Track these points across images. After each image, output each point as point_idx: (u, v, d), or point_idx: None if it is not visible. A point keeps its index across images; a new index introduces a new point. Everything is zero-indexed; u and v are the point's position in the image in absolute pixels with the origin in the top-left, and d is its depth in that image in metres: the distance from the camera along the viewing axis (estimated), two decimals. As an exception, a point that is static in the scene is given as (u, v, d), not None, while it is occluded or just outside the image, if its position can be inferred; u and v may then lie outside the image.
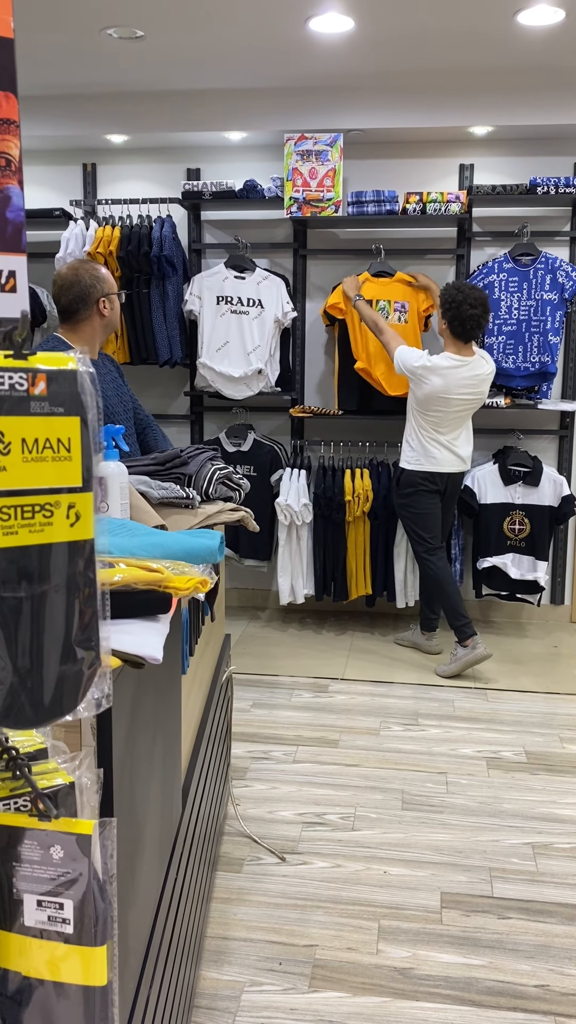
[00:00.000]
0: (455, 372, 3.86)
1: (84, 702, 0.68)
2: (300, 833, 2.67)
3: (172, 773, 1.54)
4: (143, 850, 1.25)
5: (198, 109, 4.37)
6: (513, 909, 2.31)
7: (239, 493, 2.08)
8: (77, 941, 0.68)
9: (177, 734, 1.60)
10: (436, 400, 3.90)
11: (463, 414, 3.99)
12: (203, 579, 1.13)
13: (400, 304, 4.38)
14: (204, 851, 2.11)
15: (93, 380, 0.66)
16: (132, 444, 2.89)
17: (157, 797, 1.37)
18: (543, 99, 4.17)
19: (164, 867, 1.51)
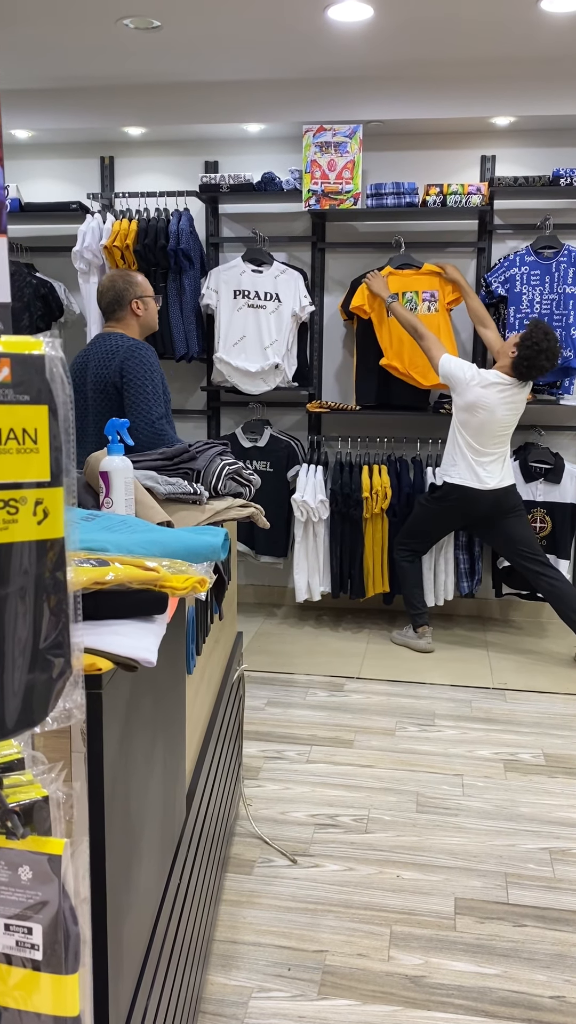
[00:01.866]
0: (499, 390, 3.88)
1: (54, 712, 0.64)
2: (312, 835, 2.63)
3: (175, 776, 1.50)
4: (140, 857, 1.21)
5: (215, 101, 4.33)
6: (529, 916, 2.25)
7: (249, 489, 2.03)
8: (47, 968, 0.64)
9: (181, 736, 1.56)
10: (480, 409, 3.87)
11: (504, 431, 3.94)
12: (201, 578, 1.08)
13: (429, 293, 4.32)
14: (212, 853, 2.08)
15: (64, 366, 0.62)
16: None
17: (157, 802, 1.33)
18: (566, 88, 4.08)
19: (166, 872, 1.47)
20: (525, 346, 3.81)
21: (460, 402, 3.91)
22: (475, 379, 3.87)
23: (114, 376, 2.99)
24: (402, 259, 4.36)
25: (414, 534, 4.19)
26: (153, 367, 3.00)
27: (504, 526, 4.03)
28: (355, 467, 4.43)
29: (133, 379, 2.96)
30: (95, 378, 3.05)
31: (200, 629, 1.80)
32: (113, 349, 3.01)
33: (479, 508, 3.99)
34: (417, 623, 4.24)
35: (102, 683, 0.93)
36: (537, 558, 4.03)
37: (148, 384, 2.96)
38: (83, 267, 4.45)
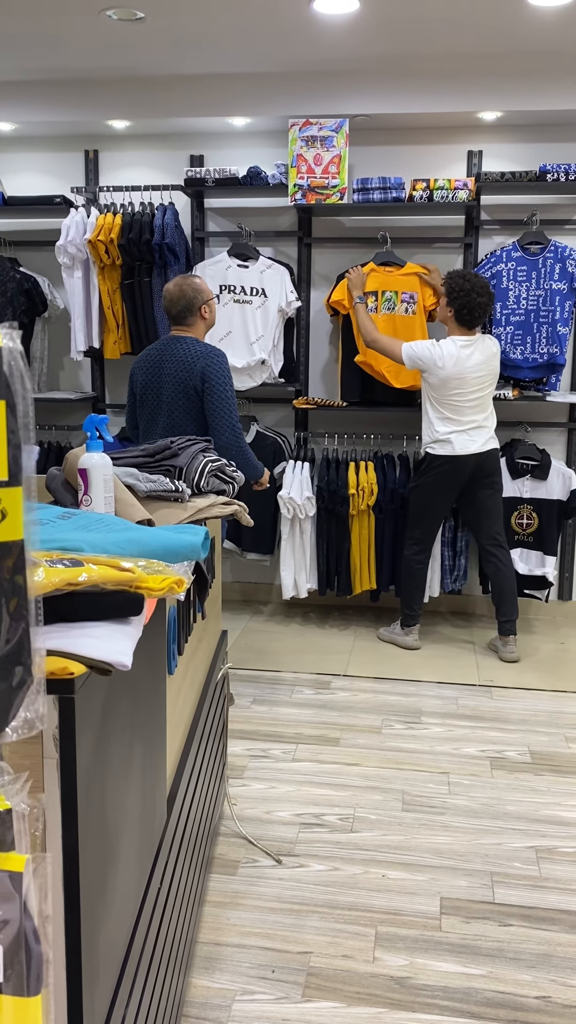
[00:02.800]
0: (465, 352, 3.89)
1: (15, 723, 0.62)
2: (297, 834, 2.61)
3: (154, 780, 1.48)
4: (117, 864, 1.18)
5: (201, 94, 4.29)
6: (515, 916, 2.24)
7: (232, 486, 2.01)
8: (8, 990, 0.61)
9: (161, 739, 1.54)
10: (452, 383, 3.88)
11: (483, 396, 3.96)
12: (178, 579, 1.06)
13: (408, 295, 4.30)
14: (195, 855, 2.05)
15: (23, 359, 0.59)
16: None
17: (136, 807, 1.31)
18: (554, 83, 4.07)
19: (145, 877, 1.45)
20: (454, 298, 3.85)
21: (433, 380, 3.91)
22: (441, 355, 3.87)
23: (196, 381, 3.29)
24: (385, 256, 4.34)
25: (416, 522, 4.15)
26: (229, 373, 3.34)
27: (478, 496, 4.05)
28: (342, 463, 4.41)
29: (215, 385, 3.28)
30: (175, 380, 3.34)
31: (182, 628, 1.77)
32: (194, 355, 3.32)
33: (462, 473, 3.98)
34: (408, 623, 4.23)
35: (75, 687, 0.90)
36: (496, 536, 4.10)
37: (228, 389, 3.31)
38: (67, 261, 4.40)
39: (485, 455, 3.99)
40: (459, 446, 3.94)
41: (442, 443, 3.96)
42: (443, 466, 3.98)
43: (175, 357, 3.34)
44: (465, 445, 3.94)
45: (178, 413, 3.36)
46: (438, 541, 4.42)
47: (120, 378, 4.87)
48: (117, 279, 4.40)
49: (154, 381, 3.40)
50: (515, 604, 4.10)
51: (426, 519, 4.14)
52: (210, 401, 3.30)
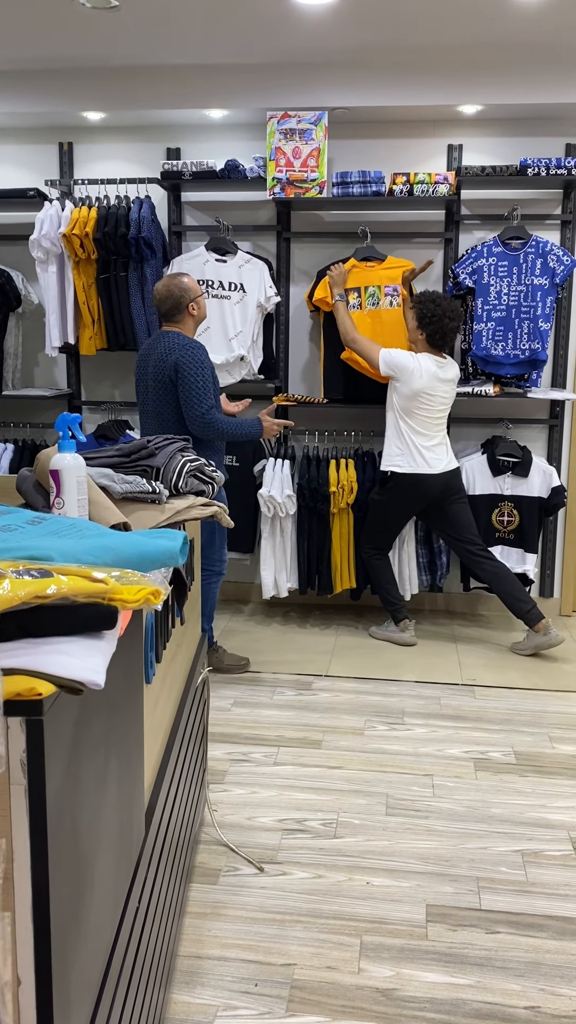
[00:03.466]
0: (439, 371, 3.96)
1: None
2: (280, 841, 2.56)
3: (131, 795, 1.42)
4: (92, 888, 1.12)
5: (177, 85, 4.21)
6: (502, 923, 2.20)
7: (212, 487, 1.94)
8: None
9: (138, 752, 1.47)
10: (423, 397, 3.93)
11: (444, 416, 4.03)
12: (155, 589, 1.00)
13: (392, 288, 4.25)
14: (175, 866, 1.99)
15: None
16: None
17: (112, 826, 1.25)
18: (534, 77, 4.03)
19: (123, 895, 1.39)
20: (427, 323, 3.91)
21: (406, 390, 3.92)
22: (418, 366, 3.90)
23: (170, 372, 3.40)
24: (366, 251, 4.29)
25: (375, 531, 4.18)
26: (203, 364, 3.40)
27: (450, 511, 4.08)
28: (322, 461, 4.35)
29: (185, 375, 3.37)
30: (155, 372, 3.46)
31: (160, 635, 1.71)
32: (171, 347, 3.42)
33: (430, 492, 4.01)
34: (397, 618, 4.22)
35: (43, 709, 0.84)
36: (477, 543, 4.11)
37: (199, 379, 3.37)
38: (41, 256, 4.31)
39: (451, 473, 4.05)
40: (424, 463, 3.97)
41: (409, 456, 3.97)
42: (410, 486, 4.00)
43: (157, 352, 3.47)
44: (432, 463, 3.97)
45: (161, 406, 3.48)
46: (411, 539, 4.41)
47: (95, 375, 4.79)
48: (92, 274, 4.31)
49: (143, 376, 3.55)
50: (525, 591, 4.09)
51: (386, 532, 4.18)
52: (180, 391, 3.41)
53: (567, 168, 4.12)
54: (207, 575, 3.74)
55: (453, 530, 4.10)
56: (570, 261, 4.16)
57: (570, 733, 3.29)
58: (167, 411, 3.49)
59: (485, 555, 4.10)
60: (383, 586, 4.21)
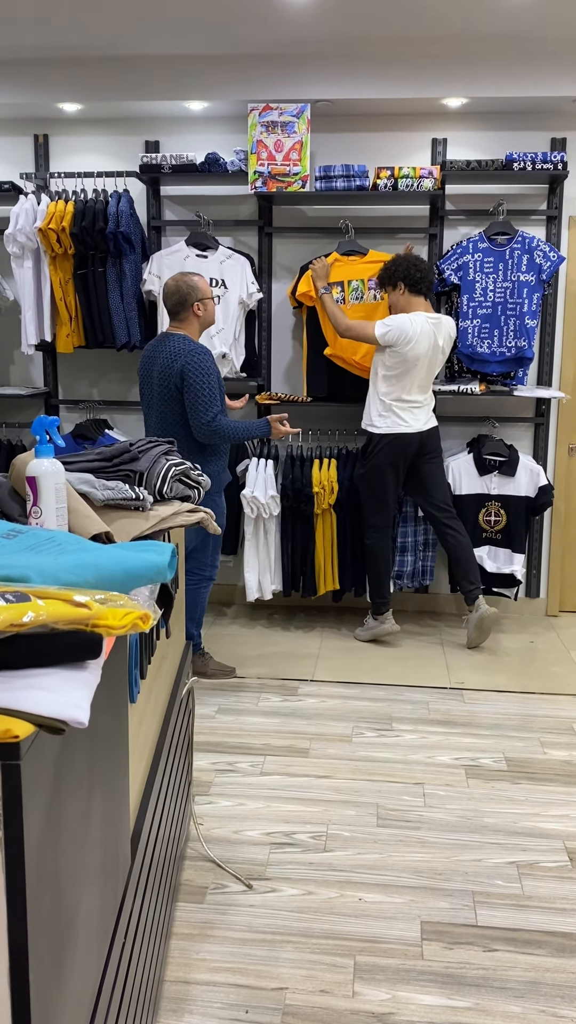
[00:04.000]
0: (436, 334, 3.89)
1: None
2: (268, 856, 2.48)
3: (117, 823, 1.33)
4: (75, 935, 1.03)
5: (156, 76, 4.10)
6: (499, 940, 2.13)
7: (198, 491, 1.86)
8: None
9: (124, 777, 1.39)
10: (424, 357, 3.86)
11: (435, 371, 4.00)
12: (143, 613, 0.91)
13: (375, 281, 4.17)
14: (162, 888, 1.91)
15: None
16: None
17: (97, 862, 1.16)
18: (519, 70, 3.97)
19: (110, 931, 1.30)
20: (398, 276, 3.88)
21: (406, 354, 3.84)
22: (416, 331, 3.83)
23: (176, 378, 3.36)
24: (349, 246, 4.21)
25: (371, 509, 4.09)
26: (210, 370, 3.37)
27: (422, 470, 4.04)
28: (306, 461, 4.27)
29: (191, 382, 3.33)
30: (160, 376, 3.42)
31: (145, 650, 1.62)
32: (176, 352, 3.38)
33: (408, 450, 3.97)
34: (379, 609, 4.16)
35: (20, 752, 0.75)
36: (447, 508, 4.09)
37: (205, 387, 3.34)
38: (16, 251, 4.19)
39: (428, 432, 4.01)
40: (403, 423, 3.93)
41: (387, 418, 3.94)
42: (389, 445, 3.95)
43: (162, 355, 3.43)
44: (410, 422, 3.94)
45: (166, 410, 3.44)
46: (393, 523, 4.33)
47: (73, 373, 4.67)
48: (70, 269, 4.20)
49: (147, 378, 3.51)
50: (477, 569, 4.09)
51: (380, 502, 4.08)
52: (186, 397, 3.36)
53: (553, 162, 4.06)
54: (197, 579, 3.65)
55: (425, 491, 4.07)
56: (557, 257, 4.10)
57: (561, 738, 3.23)
58: (171, 416, 3.44)
59: (451, 523, 4.07)
60: (379, 575, 4.14)
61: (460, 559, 4.07)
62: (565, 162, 4.06)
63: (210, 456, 3.49)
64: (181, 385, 3.37)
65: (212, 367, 3.40)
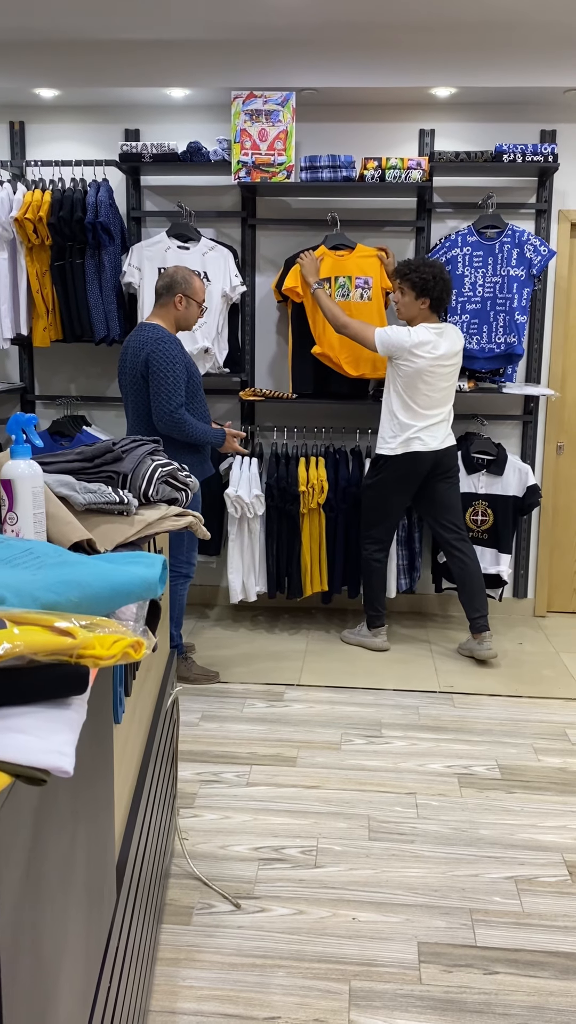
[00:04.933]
0: (437, 339, 3.70)
1: None
2: (256, 872, 2.37)
3: (102, 860, 1.22)
4: (58, 993, 0.92)
5: (137, 62, 3.97)
6: (500, 961, 2.04)
7: (186, 493, 1.75)
8: None
9: (108, 808, 1.27)
10: (426, 375, 3.68)
11: (449, 387, 3.79)
12: (135, 641, 0.80)
13: (363, 280, 4.07)
14: (148, 913, 1.80)
15: None
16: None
17: (81, 905, 1.05)
18: (509, 59, 3.88)
19: (95, 976, 1.19)
20: (430, 288, 3.65)
21: (408, 369, 3.67)
22: (417, 342, 3.65)
23: (142, 367, 3.30)
24: (337, 239, 4.10)
25: (372, 522, 3.95)
26: (174, 359, 3.27)
27: (436, 489, 3.87)
28: (292, 459, 4.16)
29: (155, 371, 3.26)
30: (130, 368, 3.36)
31: (130, 666, 1.51)
32: (144, 340, 3.31)
33: (420, 469, 3.79)
34: (374, 623, 4.03)
35: (-7, 810, 0.65)
36: (458, 530, 3.91)
37: (169, 375, 3.25)
38: (-9, 241, 4.05)
39: (444, 451, 3.81)
40: (417, 442, 3.74)
41: (398, 437, 3.75)
42: (401, 465, 3.78)
43: (133, 345, 3.37)
44: (426, 441, 3.75)
45: (138, 401, 3.38)
46: (393, 540, 4.22)
47: (50, 367, 4.53)
48: (47, 260, 4.06)
49: (122, 369, 3.45)
50: (485, 598, 3.93)
51: (383, 518, 3.94)
52: (151, 387, 3.30)
53: (543, 155, 3.98)
54: (174, 577, 3.54)
55: (436, 510, 3.90)
56: (547, 251, 4.02)
57: (554, 744, 3.15)
58: (142, 408, 3.39)
59: (460, 546, 3.90)
60: (374, 589, 4.00)
61: (467, 584, 3.89)
62: (555, 154, 3.98)
63: (184, 447, 3.39)
64: (147, 374, 3.30)
65: (179, 356, 3.30)
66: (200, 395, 3.46)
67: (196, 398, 3.43)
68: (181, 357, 3.30)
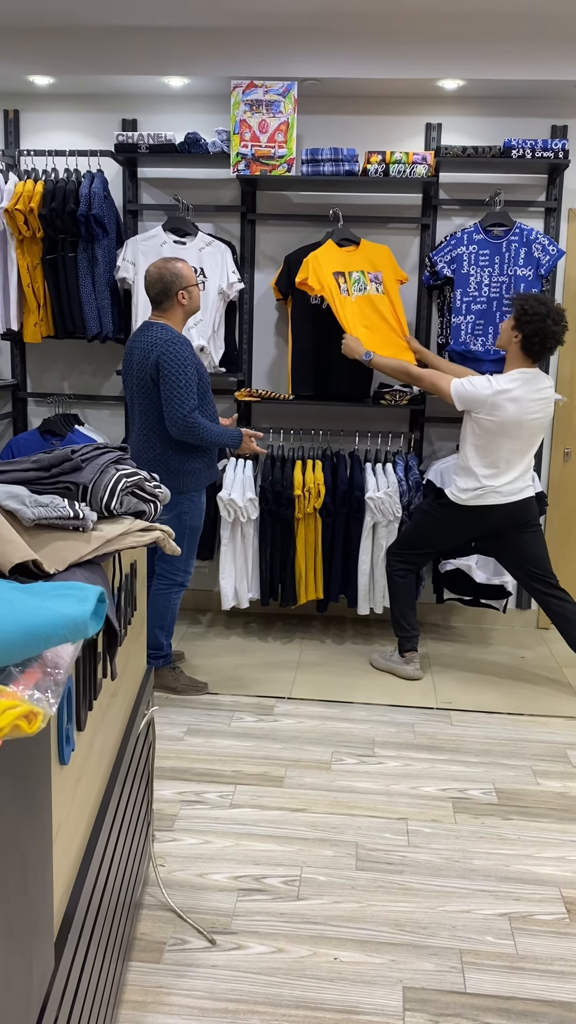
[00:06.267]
0: (526, 392, 3.35)
1: None
2: (235, 904, 2.24)
3: (33, 932, 1.08)
4: None
5: (135, 49, 3.83)
6: (491, 1011, 1.90)
7: (154, 505, 1.61)
8: None
9: (45, 869, 1.14)
10: (511, 428, 3.36)
11: (537, 437, 3.46)
12: (27, 710, 0.66)
13: (374, 275, 3.92)
14: (108, 953, 1.66)
15: None
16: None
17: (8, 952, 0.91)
18: (520, 51, 3.72)
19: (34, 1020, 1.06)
20: (524, 322, 3.31)
21: (493, 422, 3.36)
22: (497, 393, 3.33)
23: (151, 369, 3.20)
24: (343, 233, 3.96)
25: (415, 545, 3.66)
26: (186, 360, 3.18)
27: (516, 541, 3.54)
28: (288, 462, 4.02)
29: (167, 374, 3.16)
30: (138, 369, 3.26)
31: (85, 696, 1.37)
32: (153, 342, 3.21)
33: (490, 522, 3.50)
34: (405, 647, 3.74)
35: None
36: (546, 579, 3.55)
37: (181, 378, 3.16)
38: (-19, 233, 3.92)
39: (522, 503, 3.48)
40: (499, 495, 3.45)
41: (479, 495, 3.45)
42: (469, 515, 3.50)
43: (140, 345, 3.27)
44: (504, 495, 3.45)
45: (147, 404, 3.29)
46: None
47: (42, 364, 4.40)
48: (38, 253, 3.93)
49: (128, 370, 3.36)
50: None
51: (426, 547, 3.67)
52: (162, 390, 3.20)
53: (553, 151, 3.83)
54: (168, 584, 3.41)
55: (520, 562, 3.57)
56: (556, 251, 3.87)
57: (555, 766, 3.01)
58: (151, 411, 3.28)
59: (556, 593, 3.54)
60: (401, 608, 3.73)
61: (569, 631, 3.53)
62: (566, 151, 3.82)
63: (192, 450, 3.28)
64: (157, 377, 3.20)
65: (190, 357, 3.21)
66: (209, 396, 3.36)
67: (205, 399, 3.33)
68: (192, 358, 3.22)
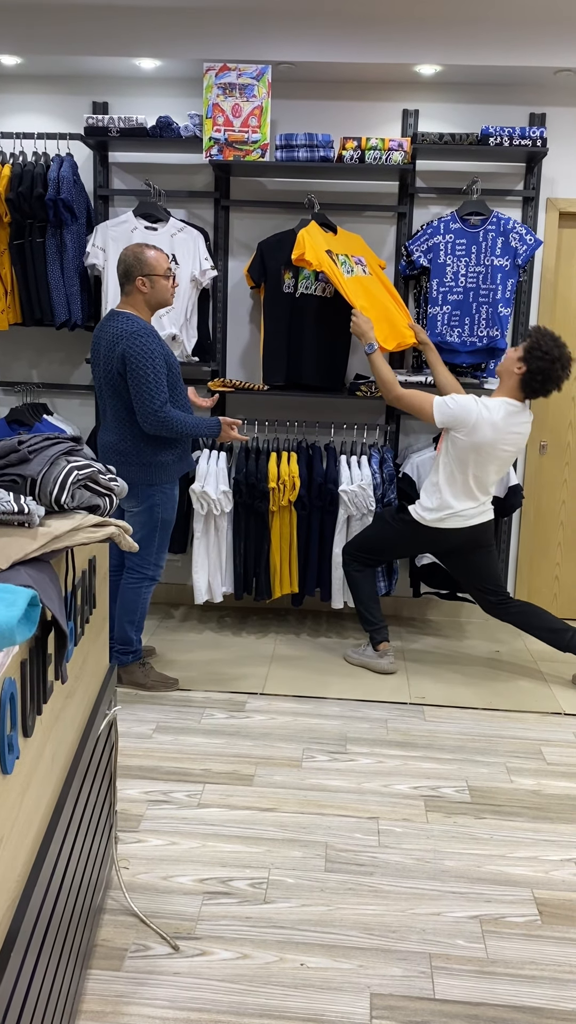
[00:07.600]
0: (510, 420, 3.35)
1: None
2: (200, 908, 2.18)
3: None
4: None
5: (105, 30, 3.73)
6: (460, 1017, 1.86)
7: (109, 499, 1.54)
8: None
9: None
10: (483, 452, 3.36)
11: (504, 467, 3.47)
12: None
13: (357, 258, 3.84)
14: (63, 961, 1.60)
15: None
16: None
17: None
18: (499, 37, 3.66)
19: None
20: (535, 357, 3.26)
21: (466, 442, 3.34)
22: (482, 415, 3.32)
23: (117, 363, 3.11)
24: (321, 219, 3.87)
25: (371, 550, 3.66)
26: (153, 353, 3.08)
27: (471, 560, 3.58)
28: (262, 453, 3.95)
29: (134, 369, 3.07)
30: (104, 361, 3.16)
31: (32, 703, 1.30)
32: (118, 334, 3.11)
33: (450, 542, 3.53)
34: (376, 639, 3.72)
35: None
36: (498, 592, 3.62)
37: (149, 372, 3.07)
38: (-54, 217, 3.81)
39: (481, 527, 3.52)
40: (456, 521, 3.47)
41: (441, 518, 3.47)
42: (430, 533, 3.51)
43: (106, 336, 3.17)
44: (465, 519, 3.48)
45: (115, 396, 3.19)
46: None
47: (9, 352, 4.30)
48: (5, 239, 3.84)
49: (95, 359, 3.25)
50: (552, 616, 3.60)
51: (385, 554, 3.69)
52: (131, 385, 3.11)
53: (531, 139, 3.77)
54: (138, 579, 3.34)
55: (472, 578, 3.62)
56: (533, 241, 3.82)
57: (528, 763, 2.97)
58: (120, 402, 3.19)
59: (506, 602, 3.61)
60: (363, 602, 3.73)
61: (534, 624, 3.58)
62: (544, 138, 3.77)
63: (165, 442, 3.21)
64: (124, 371, 3.11)
65: (157, 349, 3.12)
66: (180, 386, 3.27)
67: (176, 390, 3.24)
68: (159, 349, 3.12)
